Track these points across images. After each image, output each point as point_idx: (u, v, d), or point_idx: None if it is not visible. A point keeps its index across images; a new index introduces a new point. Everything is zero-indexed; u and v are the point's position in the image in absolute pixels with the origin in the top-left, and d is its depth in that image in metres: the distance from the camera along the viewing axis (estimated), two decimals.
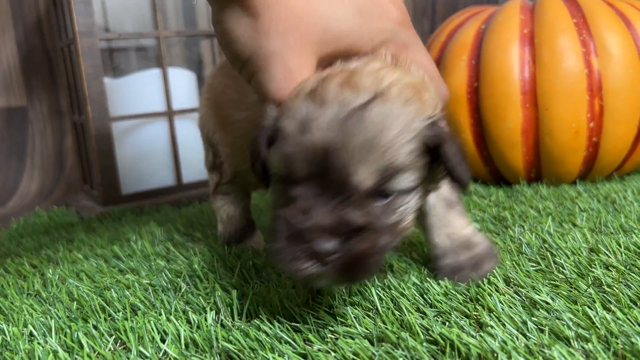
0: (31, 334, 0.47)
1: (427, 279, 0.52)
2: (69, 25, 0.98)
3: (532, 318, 0.43)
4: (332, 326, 0.44)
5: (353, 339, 0.42)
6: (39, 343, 0.45)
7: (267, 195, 0.81)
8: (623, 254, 0.55)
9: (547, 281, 0.50)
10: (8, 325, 0.49)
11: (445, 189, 0.53)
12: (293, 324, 0.45)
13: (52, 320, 0.49)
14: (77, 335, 0.45)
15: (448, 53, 0.96)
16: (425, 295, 0.49)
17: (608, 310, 0.43)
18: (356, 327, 0.43)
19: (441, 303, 0.47)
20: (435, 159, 0.43)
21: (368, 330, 0.43)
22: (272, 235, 0.41)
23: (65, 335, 0.46)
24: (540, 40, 0.86)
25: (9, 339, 0.46)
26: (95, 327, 0.47)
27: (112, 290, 0.56)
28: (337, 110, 0.40)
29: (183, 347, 0.43)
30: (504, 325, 0.42)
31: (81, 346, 0.44)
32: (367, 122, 0.40)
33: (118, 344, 0.45)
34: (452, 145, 0.42)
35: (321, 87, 0.41)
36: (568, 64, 0.83)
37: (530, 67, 0.87)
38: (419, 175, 0.42)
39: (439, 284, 0.51)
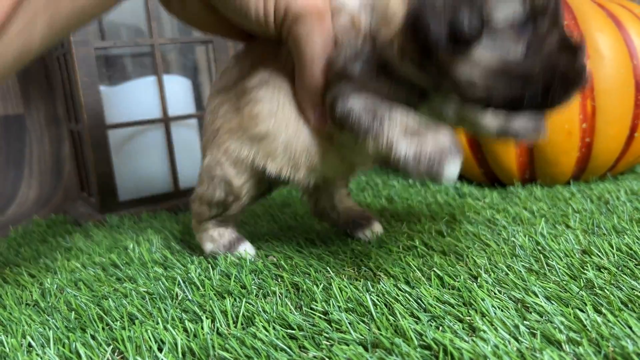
0: (30, 345, 0.48)
1: (421, 283, 0.53)
2: None
3: (524, 322, 0.43)
4: (327, 333, 0.45)
5: (348, 345, 0.42)
6: (37, 354, 0.46)
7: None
8: (615, 255, 0.55)
9: (539, 283, 0.50)
10: (7, 336, 0.50)
11: None
12: (288, 331, 0.46)
13: (51, 331, 0.49)
14: (75, 345, 0.46)
15: None
16: (419, 300, 0.49)
17: (599, 312, 0.44)
18: (351, 333, 0.44)
19: (435, 307, 0.47)
20: None
21: (362, 336, 0.43)
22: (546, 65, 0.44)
23: (63, 346, 0.47)
24: None
25: (7, 350, 0.47)
26: (93, 337, 0.48)
27: (109, 299, 0.56)
28: None
29: (180, 355, 0.43)
30: (496, 329, 0.42)
31: (79, 356, 0.45)
32: None
33: (116, 354, 0.46)
34: None
35: None
36: None
37: None
38: None
39: (431, 286, 0.51)
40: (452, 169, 0.44)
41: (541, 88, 0.44)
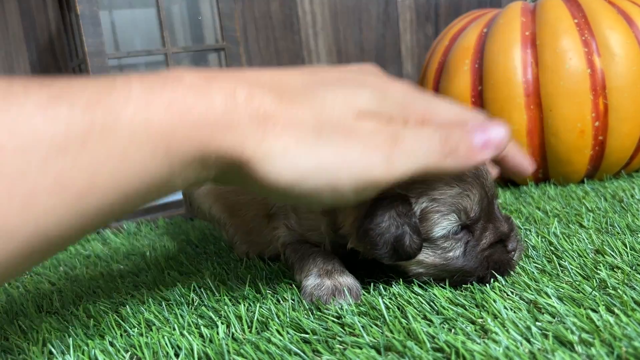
0: (50, 353, 0.49)
1: (433, 285, 0.53)
2: (79, 46, 1.00)
3: (537, 323, 0.43)
4: (340, 336, 0.45)
5: (361, 348, 0.43)
6: None
7: None
8: (629, 255, 0.55)
9: (552, 284, 0.50)
10: (28, 344, 0.51)
11: None
12: (302, 335, 0.46)
13: (70, 338, 0.50)
14: (95, 352, 0.47)
15: (451, 57, 0.97)
16: (432, 302, 0.49)
17: (612, 313, 0.44)
18: (364, 337, 0.44)
19: (447, 310, 0.47)
20: None
21: (375, 339, 0.44)
22: (483, 264, 0.52)
23: (83, 353, 0.48)
24: (542, 42, 0.86)
25: (29, 358, 0.48)
26: (111, 344, 0.49)
27: (127, 305, 0.57)
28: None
29: None
30: (508, 330, 0.42)
31: None
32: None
33: None
34: None
35: None
36: (571, 65, 0.84)
37: (533, 69, 0.87)
38: None
39: (444, 288, 0.52)
40: (337, 304, 0.52)
41: (478, 276, 0.52)
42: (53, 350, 0.49)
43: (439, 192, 0.51)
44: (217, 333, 0.48)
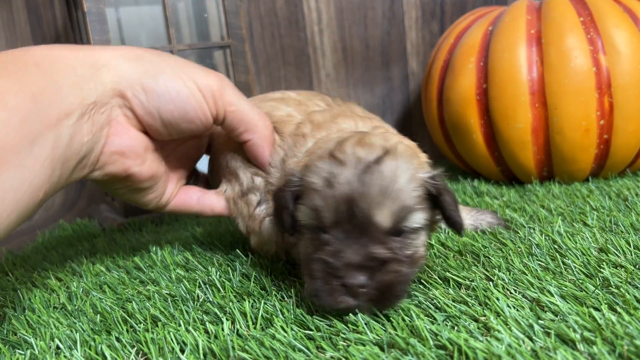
0: (58, 348, 0.50)
1: (437, 283, 0.53)
2: (85, 43, 1.00)
3: (539, 321, 0.44)
4: (344, 333, 0.46)
5: (364, 345, 0.43)
6: (65, 356, 0.47)
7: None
8: (632, 253, 0.55)
9: (555, 282, 0.50)
10: (36, 339, 0.51)
11: None
12: (306, 331, 0.47)
13: (77, 334, 0.51)
14: (101, 347, 0.47)
15: (457, 55, 0.97)
16: (435, 300, 0.50)
17: (614, 311, 0.44)
18: (367, 334, 0.45)
19: (450, 307, 0.48)
20: (435, 206, 0.53)
21: (378, 336, 0.44)
22: (310, 276, 0.49)
23: (89, 348, 0.48)
24: (548, 40, 0.86)
25: (37, 352, 0.49)
26: (117, 339, 0.50)
27: (133, 302, 0.58)
28: (355, 166, 0.49)
29: (201, 357, 0.45)
30: (510, 328, 0.43)
31: (105, 358, 0.46)
32: (382, 173, 0.48)
33: (140, 355, 0.47)
34: (449, 196, 0.52)
35: (339, 147, 0.51)
36: (576, 63, 0.84)
37: (538, 67, 0.87)
38: (426, 216, 0.51)
39: (447, 287, 0.52)
40: None
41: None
42: (60, 345, 0.50)
43: (311, 182, 0.50)
44: (222, 329, 0.48)
